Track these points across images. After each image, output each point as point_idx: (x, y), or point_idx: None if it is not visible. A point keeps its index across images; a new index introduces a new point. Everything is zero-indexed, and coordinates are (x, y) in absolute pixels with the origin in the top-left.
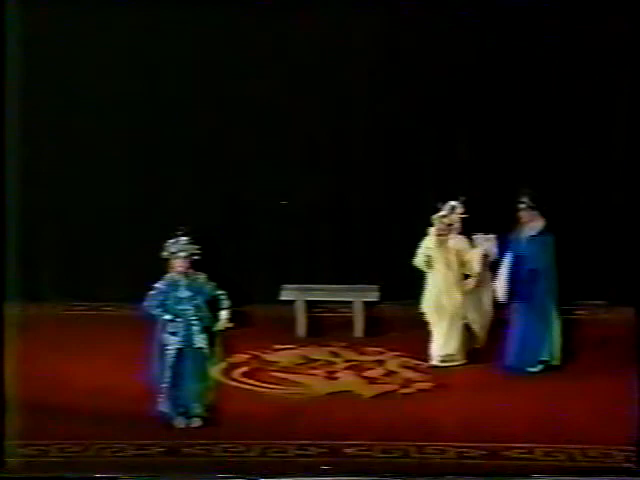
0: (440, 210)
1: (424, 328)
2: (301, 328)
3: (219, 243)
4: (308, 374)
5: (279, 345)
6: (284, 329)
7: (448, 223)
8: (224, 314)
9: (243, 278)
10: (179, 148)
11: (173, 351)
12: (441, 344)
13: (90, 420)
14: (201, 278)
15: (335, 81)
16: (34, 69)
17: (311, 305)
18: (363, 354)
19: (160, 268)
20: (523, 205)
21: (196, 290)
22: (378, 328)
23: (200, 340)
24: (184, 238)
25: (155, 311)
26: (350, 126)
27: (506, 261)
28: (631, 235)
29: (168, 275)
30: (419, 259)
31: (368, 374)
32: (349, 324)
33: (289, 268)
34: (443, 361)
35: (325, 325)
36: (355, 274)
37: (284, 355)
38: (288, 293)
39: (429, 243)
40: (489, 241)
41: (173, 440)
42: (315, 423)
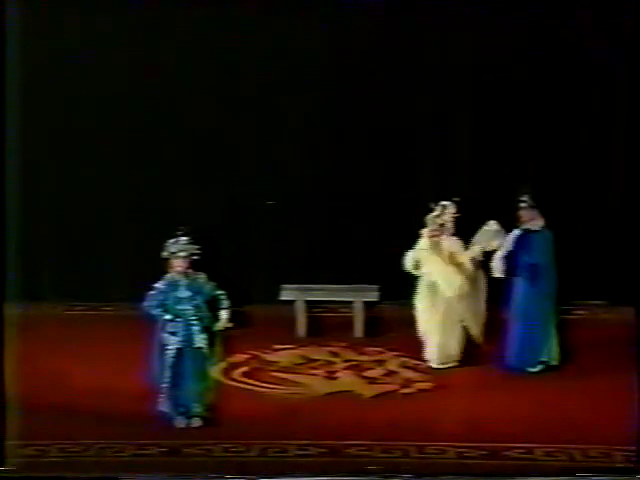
0: (433, 210)
1: None
2: (301, 328)
3: (219, 243)
4: (308, 374)
5: (279, 345)
6: (284, 329)
7: (440, 223)
8: (224, 314)
9: (243, 278)
10: (179, 148)
11: (173, 351)
12: (436, 345)
13: (90, 420)
14: (201, 278)
15: (335, 81)
16: (34, 69)
17: (311, 305)
18: (363, 354)
19: (160, 268)
20: (524, 204)
21: (196, 290)
22: (378, 328)
23: (200, 340)
24: (184, 238)
25: (155, 311)
26: (350, 126)
27: (506, 243)
28: (631, 235)
29: (168, 275)
30: (408, 261)
31: (368, 374)
32: (349, 324)
33: (289, 268)
34: (441, 363)
35: (325, 325)
36: (355, 274)
37: (284, 355)
38: (288, 293)
39: (422, 245)
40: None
41: (173, 440)
42: (315, 423)
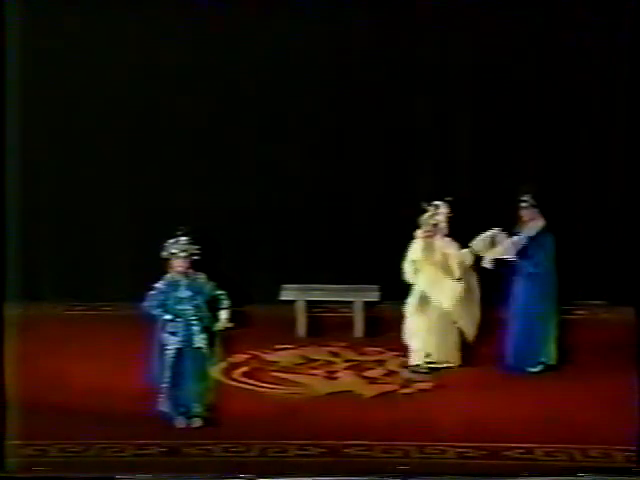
0: (426, 211)
1: None
2: (301, 328)
3: (219, 243)
4: (308, 374)
5: (279, 345)
6: (284, 329)
7: (434, 223)
8: (224, 314)
9: (243, 278)
10: (179, 148)
11: (173, 351)
12: (427, 347)
13: (90, 420)
14: (201, 278)
15: (335, 81)
16: (34, 69)
17: (311, 305)
18: (363, 354)
19: (160, 268)
20: (525, 203)
21: (196, 290)
22: (378, 328)
23: (200, 340)
24: (184, 238)
25: (155, 311)
26: (350, 126)
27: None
28: (631, 235)
29: (168, 275)
30: (407, 269)
31: (368, 374)
32: (349, 324)
33: (289, 268)
34: (429, 363)
35: (325, 325)
36: (355, 274)
37: (284, 355)
38: (288, 293)
39: (416, 247)
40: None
41: (173, 440)
42: (315, 423)
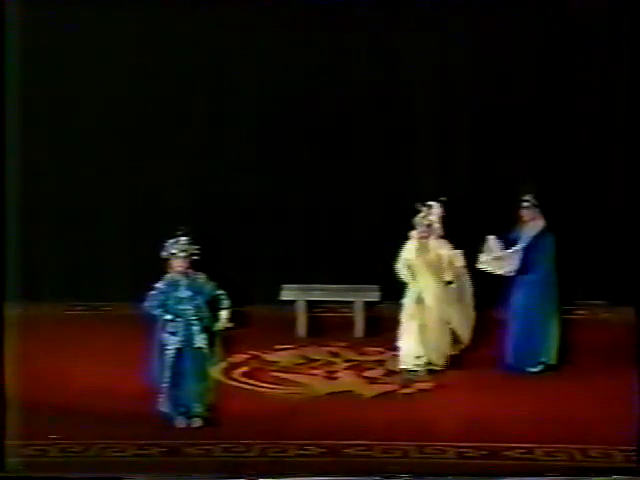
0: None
1: None
2: (301, 328)
3: (219, 243)
4: (308, 374)
5: (279, 345)
6: (284, 329)
7: (427, 224)
8: (224, 314)
9: (243, 278)
10: (179, 148)
11: (173, 351)
12: (419, 348)
13: (90, 420)
14: (201, 278)
15: (335, 81)
16: (34, 69)
17: (311, 305)
18: (363, 354)
19: (160, 268)
20: (526, 203)
21: (196, 290)
22: (378, 328)
23: (200, 340)
24: (184, 238)
25: (155, 311)
26: (350, 126)
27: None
28: (631, 235)
29: (168, 275)
30: (401, 270)
31: (368, 374)
32: (349, 324)
33: (289, 268)
34: (417, 365)
35: (325, 325)
36: (355, 274)
37: (284, 355)
38: (288, 293)
39: (410, 247)
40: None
41: (173, 440)
42: (315, 423)
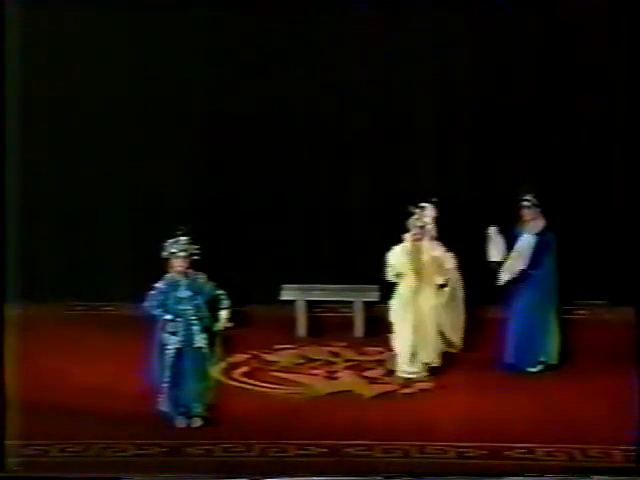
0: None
1: None
2: (301, 328)
3: (219, 243)
4: (308, 374)
5: (279, 345)
6: (284, 329)
7: (420, 225)
8: (224, 314)
9: (243, 278)
10: (179, 148)
11: (173, 351)
12: (410, 349)
13: (90, 420)
14: (201, 278)
15: (334, 81)
16: (34, 69)
17: (311, 305)
18: (363, 354)
19: (160, 268)
20: (527, 203)
21: (196, 290)
22: (378, 328)
23: (200, 340)
24: (184, 238)
25: (155, 311)
26: (350, 126)
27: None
28: (631, 235)
29: (168, 275)
30: (390, 271)
31: (368, 374)
32: (349, 324)
33: (289, 268)
34: (412, 373)
35: (325, 325)
36: (355, 274)
37: (284, 355)
38: (288, 293)
39: (402, 249)
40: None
41: (174, 440)
42: (315, 423)
